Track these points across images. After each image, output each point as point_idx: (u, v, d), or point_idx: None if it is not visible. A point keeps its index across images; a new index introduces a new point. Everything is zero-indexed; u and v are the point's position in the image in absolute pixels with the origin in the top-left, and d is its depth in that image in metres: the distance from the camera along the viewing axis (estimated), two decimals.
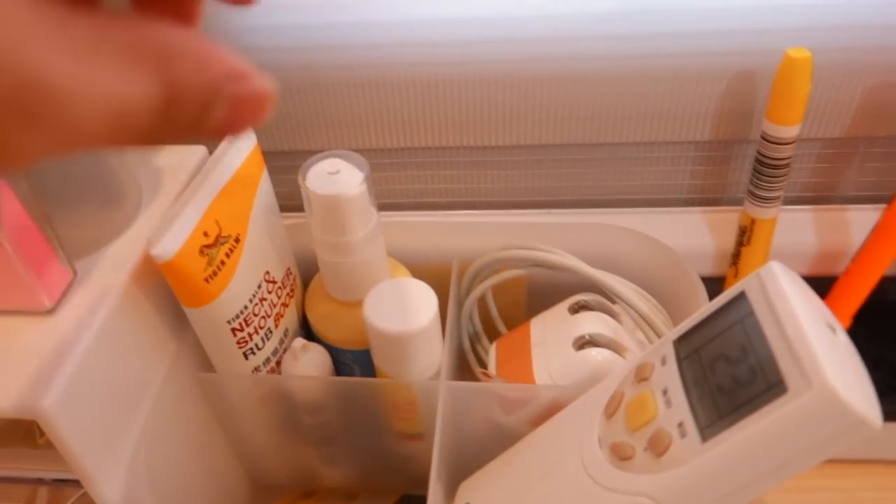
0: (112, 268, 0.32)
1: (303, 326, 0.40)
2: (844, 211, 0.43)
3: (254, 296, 0.34)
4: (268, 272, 0.35)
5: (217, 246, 0.31)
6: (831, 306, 0.42)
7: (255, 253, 0.34)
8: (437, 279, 0.40)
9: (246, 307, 0.33)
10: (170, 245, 0.29)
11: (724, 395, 0.25)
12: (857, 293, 0.41)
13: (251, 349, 0.35)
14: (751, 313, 0.26)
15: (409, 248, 0.42)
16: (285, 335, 0.38)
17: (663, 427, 0.26)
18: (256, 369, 0.36)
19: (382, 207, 0.36)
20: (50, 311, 0.29)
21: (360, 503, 0.43)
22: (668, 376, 0.28)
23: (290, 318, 0.38)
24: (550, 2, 0.37)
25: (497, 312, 0.44)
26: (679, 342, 0.28)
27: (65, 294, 0.30)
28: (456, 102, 0.41)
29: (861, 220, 0.39)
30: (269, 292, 0.35)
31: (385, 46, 0.39)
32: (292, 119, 0.43)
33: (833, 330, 0.25)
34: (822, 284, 0.42)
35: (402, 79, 0.40)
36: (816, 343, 0.23)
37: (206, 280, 0.31)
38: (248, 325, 0.34)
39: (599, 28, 0.37)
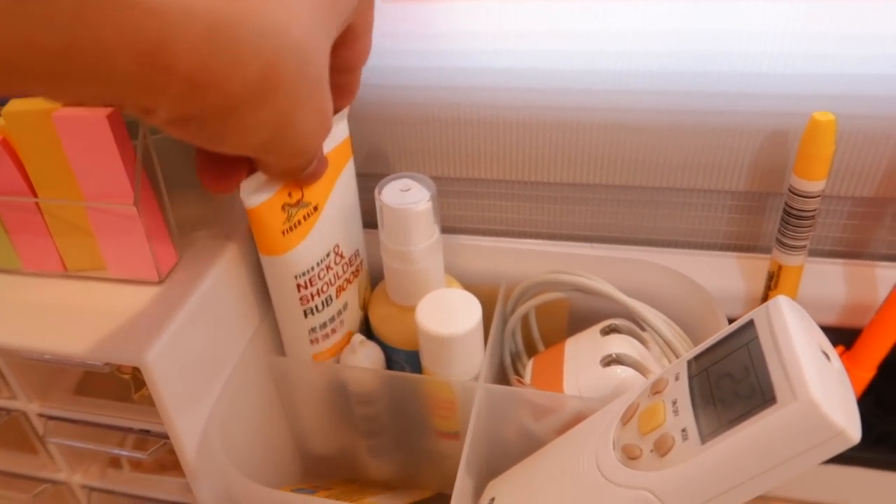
0: (211, 252, 0.37)
1: (364, 327, 0.45)
2: (873, 267, 0.45)
3: (321, 261, 0.38)
4: (337, 245, 0.39)
5: (297, 207, 0.35)
6: (856, 355, 0.44)
7: (329, 225, 0.38)
8: (486, 298, 0.43)
9: (312, 268, 0.37)
10: (258, 196, 0.33)
11: (724, 407, 0.28)
12: (880, 345, 0.43)
13: (311, 309, 0.38)
14: (755, 338, 0.29)
15: (463, 268, 0.46)
16: (344, 308, 0.41)
17: (669, 432, 0.29)
18: (312, 330, 0.40)
19: (444, 230, 0.41)
20: (158, 283, 0.34)
21: (397, 496, 0.47)
22: (679, 390, 0.30)
23: (350, 295, 0.42)
24: (607, 58, 0.41)
25: (539, 335, 0.47)
26: (692, 362, 0.31)
27: (171, 270, 0.35)
28: (516, 141, 0.45)
29: (889, 276, 0.41)
30: (336, 264, 0.39)
31: (455, 89, 0.44)
32: (373, 147, 0.48)
33: (828, 357, 0.28)
34: (849, 335, 0.44)
35: (470, 118, 0.45)
36: (806, 364, 0.26)
37: (283, 233, 0.35)
38: (311, 286, 0.38)
39: (650, 84, 0.41)
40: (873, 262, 0.45)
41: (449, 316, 0.38)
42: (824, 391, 0.25)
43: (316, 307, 0.39)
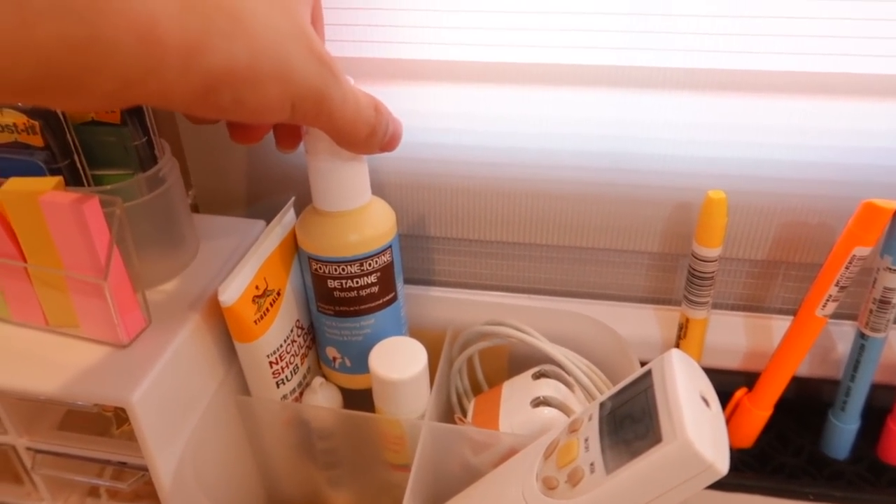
0: (182, 309, 0.40)
1: (318, 368, 0.49)
2: (770, 319, 0.51)
3: (287, 337, 0.42)
4: (298, 320, 0.44)
5: (265, 297, 0.40)
6: (756, 396, 0.49)
7: (290, 304, 0.42)
8: (435, 342, 0.48)
9: (281, 345, 0.42)
10: (232, 294, 0.37)
11: (625, 445, 0.32)
12: (775, 387, 0.48)
13: (282, 380, 0.43)
14: (651, 386, 0.33)
15: (414, 315, 0.50)
16: (308, 372, 0.46)
17: (580, 465, 0.33)
18: (284, 397, 0.44)
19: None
20: (125, 346, 0.37)
21: None
22: (591, 429, 0.35)
23: (312, 359, 0.46)
24: (542, 139, 0.46)
25: (483, 376, 0.51)
26: (603, 404, 0.36)
27: (140, 334, 0.38)
28: (463, 205, 0.50)
29: (783, 327, 0.46)
30: (298, 336, 0.44)
31: (409, 160, 0.49)
32: None
33: (706, 403, 0.32)
34: (750, 378, 0.49)
35: (421, 184, 0.50)
36: (686, 410, 0.30)
37: (255, 322, 0.39)
38: (281, 360, 0.42)
39: (577, 161, 0.46)
40: (769, 314, 0.51)
41: (398, 362, 0.42)
42: (698, 433, 0.29)
43: (286, 377, 0.43)
